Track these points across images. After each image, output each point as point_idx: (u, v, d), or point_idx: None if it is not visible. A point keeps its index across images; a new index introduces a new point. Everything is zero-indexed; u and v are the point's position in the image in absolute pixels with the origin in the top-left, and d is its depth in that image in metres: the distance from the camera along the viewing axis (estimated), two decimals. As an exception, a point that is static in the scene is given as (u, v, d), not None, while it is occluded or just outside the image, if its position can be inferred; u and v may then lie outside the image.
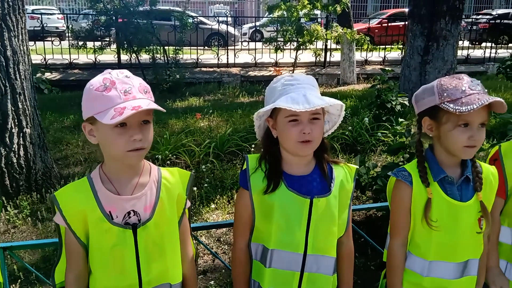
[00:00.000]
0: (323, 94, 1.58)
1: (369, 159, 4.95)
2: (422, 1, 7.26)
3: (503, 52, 12.89)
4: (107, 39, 9.94)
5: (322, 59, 11.98)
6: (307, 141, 1.47)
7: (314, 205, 1.51)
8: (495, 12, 19.33)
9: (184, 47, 10.50)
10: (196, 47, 11.33)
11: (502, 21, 15.67)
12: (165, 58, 9.27)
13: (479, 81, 1.52)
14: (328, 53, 12.05)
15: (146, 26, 8.87)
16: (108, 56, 10.67)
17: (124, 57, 9.98)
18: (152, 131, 1.34)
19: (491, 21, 15.93)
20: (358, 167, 1.66)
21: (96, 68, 10.16)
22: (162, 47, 9.21)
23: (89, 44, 9.91)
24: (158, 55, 9.14)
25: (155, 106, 1.28)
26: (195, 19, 12.26)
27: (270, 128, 1.56)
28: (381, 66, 9.83)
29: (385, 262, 1.72)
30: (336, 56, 11.75)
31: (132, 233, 1.36)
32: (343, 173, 1.59)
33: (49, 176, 4.16)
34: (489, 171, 1.65)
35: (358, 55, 11.87)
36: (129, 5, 8.93)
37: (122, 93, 1.27)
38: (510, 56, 7.31)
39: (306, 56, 11.91)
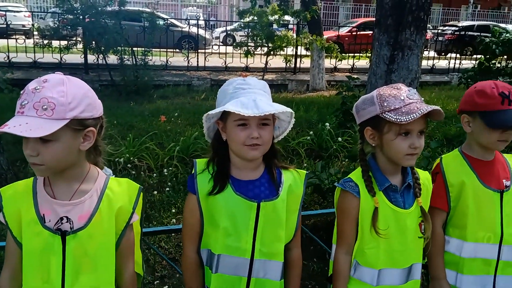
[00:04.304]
0: (292, 100, 1.60)
1: (332, 164, 5.01)
2: (388, 11, 7.43)
3: (467, 63, 13.30)
4: (74, 39, 9.72)
5: (293, 65, 12.08)
6: (255, 145, 1.47)
7: (262, 209, 1.51)
8: (461, 24, 20.00)
9: (153, 49, 10.38)
10: (166, 49, 11.23)
11: (467, 32, 16.19)
12: (134, 60, 9.14)
13: (415, 89, 1.57)
14: (299, 60, 12.16)
15: (114, 27, 8.71)
16: (75, 56, 10.42)
17: (91, 57, 9.79)
18: (54, 149, 1.25)
19: (456, 33, 16.45)
20: (307, 172, 1.67)
21: (62, 68, 9.90)
22: (130, 48, 9.07)
23: (55, 43, 9.69)
24: (126, 56, 8.99)
25: (14, 131, 1.18)
26: (166, 21, 12.14)
27: (220, 131, 1.56)
28: (350, 74, 9.99)
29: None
30: (306, 63, 11.86)
31: (62, 240, 1.31)
32: (292, 177, 1.60)
33: (4, 178, 4.03)
34: (424, 176, 1.72)
35: (328, 62, 12.03)
36: (97, 5, 8.77)
37: (19, 106, 1.24)
38: (472, 68, 7.56)
39: (277, 61, 11.97)
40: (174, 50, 12.26)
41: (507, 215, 1.76)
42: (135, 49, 9.35)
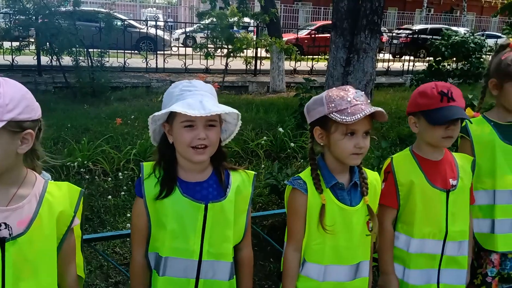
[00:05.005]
0: (252, 101, 1.61)
1: (291, 165, 5.07)
2: (344, 14, 7.62)
3: (420, 65, 13.79)
4: (27, 40, 9.39)
5: (253, 67, 12.15)
6: (202, 147, 1.48)
7: (209, 210, 1.52)
8: (415, 27, 20.73)
9: (111, 51, 10.17)
10: (123, 51, 11.02)
11: (420, 36, 16.79)
12: (89, 61, 8.92)
13: (363, 92, 1.63)
14: (259, 62, 12.24)
15: (68, 27, 8.47)
16: (27, 58, 10.06)
17: (45, 59, 9.48)
18: None
19: (410, 36, 17.04)
20: (256, 173, 1.70)
21: (13, 70, 9.56)
22: (85, 50, 8.84)
23: (7, 44, 9.32)
24: (81, 58, 8.76)
25: None
26: (123, 22, 11.93)
27: (166, 134, 1.56)
28: (309, 76, 10.15)
29: None
30: (267, 65, 11.97)
31: (0, 247, 1.26)
32: (240, 178, 1.62)
33: None
34: (373, 176, 1.77)
35: (288, 64, 12.17)
36: (50, 5, 8.49)
37: None
38: (423, 70, 7.86)
39: (237, 63, 12.00)
40: (132, 51, 12.06)
41: (452, 213, 1.85)
42: (91, 50, 9.13)
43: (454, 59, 7.42)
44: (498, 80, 2.05)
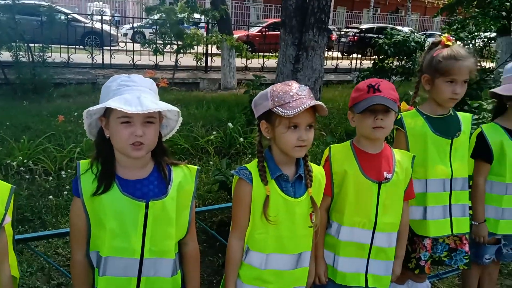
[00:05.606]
0: (203, 98, 1.59)
1: (241, 161, 5.10)
2: (292, 12, 7.73)
3: (367, 63, 14.23)
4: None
5: (204, 64, 12.06)
6: (139, 144, 1.46)
7: (150, 209, 1.50)
8: (362, 26, 21.37)
9: (54, 46, 9.77)
10: (67, 46, 10.60)
11: (367, 34, 17.32)
12: (30, 56, 8.51)
13: (307, 87, 1.67)
14: (210, 58, 12.17)
15: (7, 21, 8.05)
16: (-38, 53, 9.46)
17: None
18: None
19: (357, 35, 17.55)
20: (199, 167, 1.70)
21: None
22: (26, 44, 8.43)
23: None
24: (21, 53, 8.35)
25: None
26: (67, 16, 11.48)
27: (103, 128, 1.52)
28: (260, 73, 10.21)
29: None
30: (218, 61, 11.91)
31: None
32: (183, 174, 1.61)
33: None
34: (318, 170, 1.82)
35: (239, 61, 12.17)
36: (-13, -2, 8.05)
37: None
38: (368, 67, 8.13)
39: (188, 60, 11.88)
40: (77, 46, 11.61)
41: (383, 205, 1.93)
42: (32, 45, 8.72)
43: (397, 57, 7.71)
44: (430, 75, 2.18)
